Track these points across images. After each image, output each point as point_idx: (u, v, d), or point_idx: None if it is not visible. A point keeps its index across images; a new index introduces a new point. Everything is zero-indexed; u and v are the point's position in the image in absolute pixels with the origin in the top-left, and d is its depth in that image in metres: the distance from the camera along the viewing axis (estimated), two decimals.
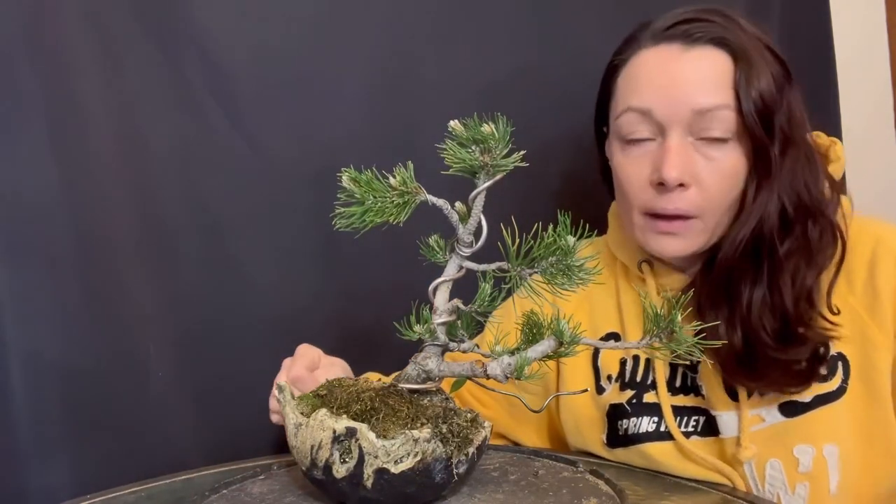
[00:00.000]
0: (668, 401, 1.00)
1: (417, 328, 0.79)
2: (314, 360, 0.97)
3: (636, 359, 1.03)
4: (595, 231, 0.76)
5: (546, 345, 0.76)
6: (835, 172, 1.00)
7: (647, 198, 0.97)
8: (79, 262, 1.14)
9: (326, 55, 1.25)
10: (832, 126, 1.45)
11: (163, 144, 1.19)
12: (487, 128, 0.72)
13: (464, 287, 0.80)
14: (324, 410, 0.75)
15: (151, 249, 1.18)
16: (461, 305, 0.80)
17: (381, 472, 0.72)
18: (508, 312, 0.84)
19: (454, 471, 0.75)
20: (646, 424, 1.00)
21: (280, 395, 0.80)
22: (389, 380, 0.82)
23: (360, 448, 0.72)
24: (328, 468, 0.74)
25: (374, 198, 0.74)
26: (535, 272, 0.76)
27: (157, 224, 1.19)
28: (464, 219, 0.77)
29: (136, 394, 1.17)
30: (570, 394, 1.05)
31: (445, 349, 0.81)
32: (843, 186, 0.98)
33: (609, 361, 1.04)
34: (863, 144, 1.48)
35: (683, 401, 1.00)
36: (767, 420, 0.95)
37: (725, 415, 0.97)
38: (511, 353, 0.76)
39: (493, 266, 0.77)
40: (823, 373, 0.93)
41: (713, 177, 0.94)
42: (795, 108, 0.95)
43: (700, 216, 0.95)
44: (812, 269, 0.93)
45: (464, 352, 0.81)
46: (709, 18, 0.95)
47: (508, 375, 0.76)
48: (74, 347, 1.14)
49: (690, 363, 0.98)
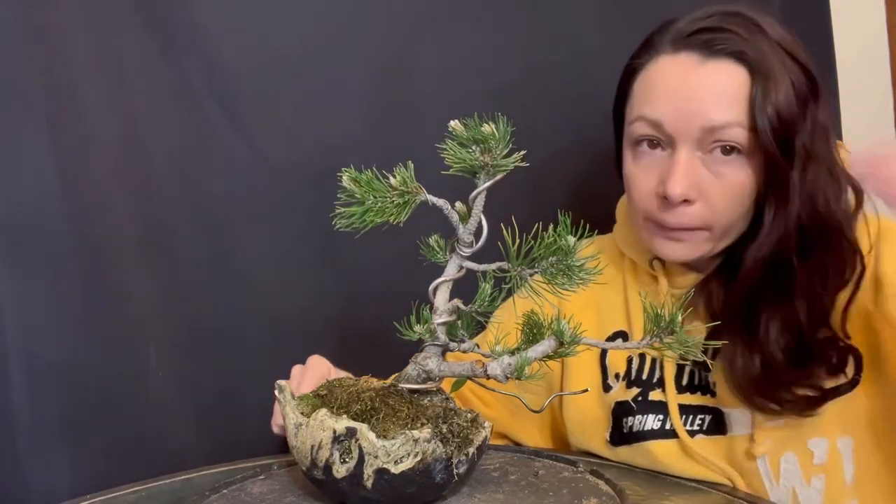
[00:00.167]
0: (676, 399, 1.00)
1: (417, 328, 0.79)
2: (324, 375, 0.97)
3: (642, 356, 1.03)
4: (596, 231, 0.76)
5: (546, 345, 0.76)
6: None
7: (652, 208, 0.96)
8: (79, 263, 1.14)
9: (327, 55, 1.25)
10: (832, 126, 1.45)
11: (163, 145, 1.19)
12: (488, 128, 0.72)
13: (464, 287, 0.80)
14: (324, 410, 0.75)
15: (152, 249, 1.18)
16: (461, 305, 0.80)
17: (382, 472, 0.72)
18: (511, 313, 0.84)
19: (454, 471, 0.75)
20: (651, 422, 1.00)
21: (280, 395, 0.80)
22: (390, 380, 0.82)
23: (361, 448, 0.72)
24: (328, 468, 0.74)
25: (375, 198, 0.74)
26: (536, 272, 0.76)
27: (158, 224, 1.19)
28: (464, 219, 0.77)
29: (136, 394, 1.17)
30: (571, 394, 1.05)
31: (446, 349, 0.81)
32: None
33: (617, 360, 1.04)
34: (863, 144, 1.47)
35: (690, 399, 1.00)
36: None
37: (737, 411, 0.97)
38: (511, 353, 0.76)
39: (494, 266, 0.77)
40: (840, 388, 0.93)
41: (720, 192, 0.93)
42: (819, 121, 0.93)
43: (706, 228, 0.95)
44: (830, 290, 0.92)
45: (464, 352, 0.81)
46: (731, 28, 0.92)
47: (508, 375, 0.76)
48: (74, 347, 1.14)
49: (703, 360, 0.97)
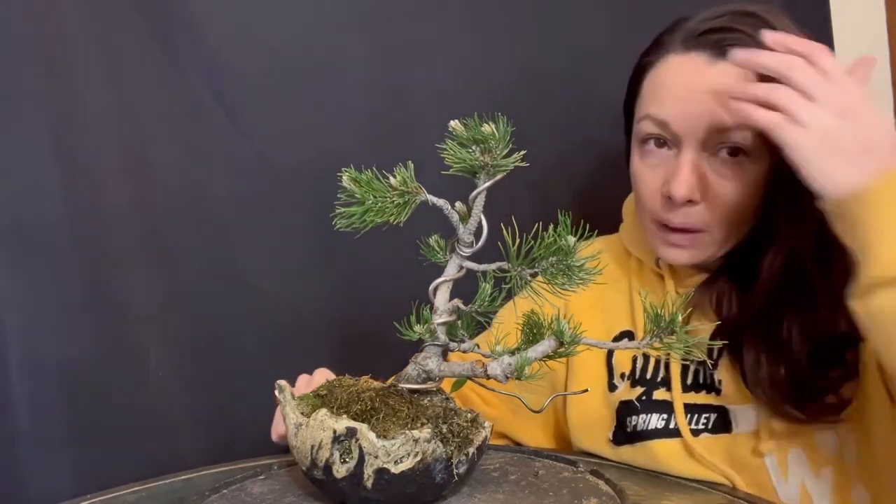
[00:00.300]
0: (681, 398, 0.99)
1: (417, 328, 0.79)
2: None
3: (647, 355, 1.03)
4: (596, 231, 0.76)
5: (546, 345, 0.76)
6: None
7: (657, 207, 0.97)
8: (79, 263, 1.15)
9: (327, 55, 1.25)
10: None
11: (164, 145, 1.19)
12: (488, 128, 0.72)
13: (464, 287, 0.80)
14: (324, 410, 0.75)
15: (152, 250, 1.19)
16: (461, 305, 0.80)
17: (382, 472, 0.72)
18: (513, 313, 0.84)
19: (454, 471, 0.75)
20: (655, 421, 1.00)
21: (280, 395, 0.80)
22: (390, 380, 0.82)
23: (361, 448, 0.72)
24: (328, 468, 0.74)
25: (375, 198, 0.74)
26: (536, 272, 0.76)
27: (158, 224, 1.19)
28: (464, 219, 0.77)
29: (137, 394, 1.17)
30: (572, 394, 1.05)
31: (446, 349, 0.81)
32: None
33: (623, 360, 1.04)
34: None
35: (696, 398, 1.00)
36: None
37: (742, 408, 0.97)
38: (511, 353, 0.76)
39: (494, 266, 0.77)
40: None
41: (725, 194, 0.93)
42: None
43: (708, 230, 0.95)
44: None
45: (464, 352, 0.81)
46: (742, 28, 0.91)
47: (509, 375, 0.76)
48: (75, 348, 1.14)
49: (710, 357, 0.97)
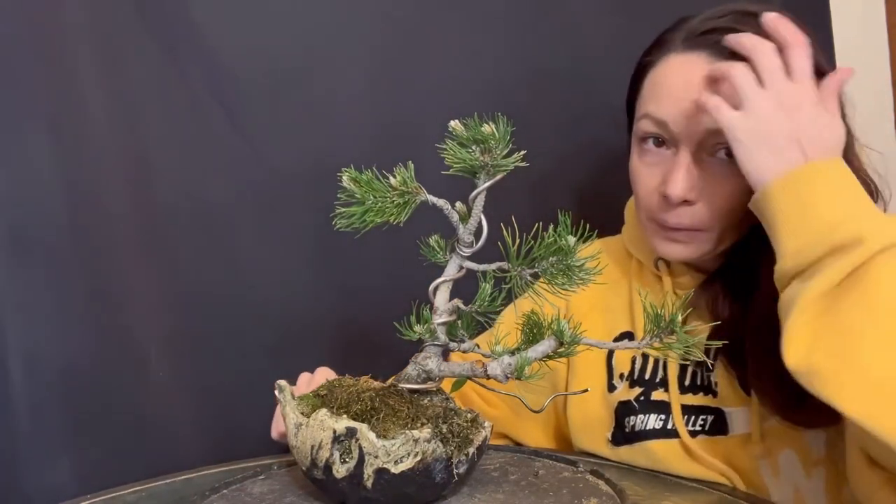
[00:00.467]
0: (679, 399, 1.00)
1: (417, 328, 0.79)
2: None
3: (645, 356, 1.03)
4: (596, 231, 0.76)
5: (546, 345, 0.76)
6: None
7: (654, 206, 0.97)
8: (79, 263, 1.15)
9: (327, 55, 1.25)
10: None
11: (164, 145, 1.19)
12: (488, 128, 0.72)
13: (464, 287, 0.80)
14: (324, 410, 0.75)
15: (152, 250, 1.19)
16: (461, 305, 0.80)
17: (382, 472, 0.72)
18: (514, 314, 0.83)
19: (454, 471, 0.75)
20: (653, 422, 1.00)
21: (280, 395, 0.80)
22: (390, 380, 0.82)
23: (361, 448, 0.72)
24: (328, 468, 0.74)
25: (375, 198, 0.74)
26: (536, 272, 0.76)
27: (158, 224, 1.19)
28: (464, 219, 0.77)
29: (137, 394, 1.17)
30: (572, 394, 1.05)
31: (446, 349, 0.81)
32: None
33: (622, 360, 1.05)
34: (863, 144, 1.47)
35: (692, 399, 1.00)
36: None
37: (738, 411, 0.97)
38: (511, 353, 0.76)
39: (494, 266, 0.77)
40: None
41: (721, 194, 0.93)
42: None
43: (705, 229, 0.95)
44: None
45: (464, 352, 0.81)
46: (744, 29, 0.91)
47: (509, 375, 0.76)
48: (74, 347, 1.14)
49: (706, 360, 0.97)
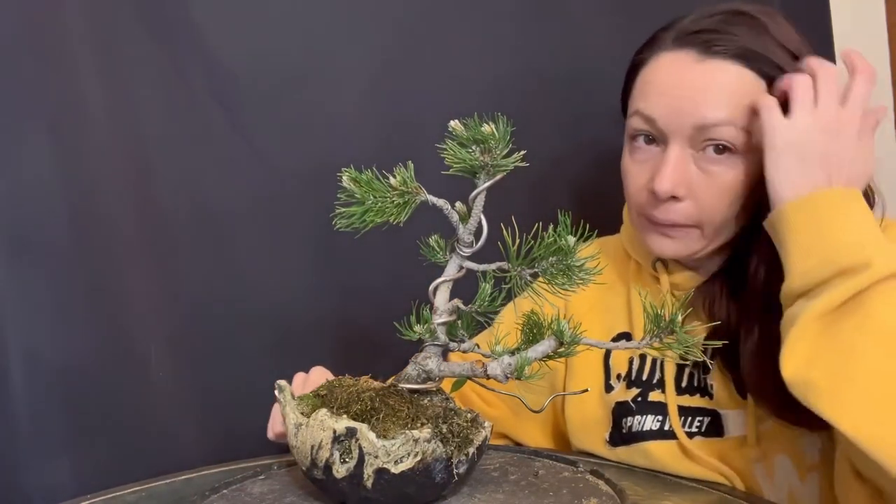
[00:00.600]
0: (675, 400, 1.00)
1: (417, 328, 0.79)
2: None
3: (643, 357, 1.03)
4: (595, 231, 0.76)
5: (546, 345, 0.76)
6: None
7: (643, 202, 0.97)
8: (79, 263, 1.14)
9: (327, 55, 1.25)
10: None
11: (164, 144, 1.19)
12: (487, 128, 0.72)
13: (464, 287, 0.80)
14: (324, 410, 0.75)
15: (151, 250, 1.19)
16: (461, 305, 0.80)
17: (381, 472, 0.72)
18: (514, 314, 0.84)
19: (454, 471, 0.75)
20: (650, 423, 1.00)
21: (280, 395, 0.80)
22: (389, 380, 0.82)
23: (360, 448, 0.72)
24: (328, 468, 0.74)
25: (375, 198, 0.74)
26: (536, 272, 0.76)
27: (158, 224, 1.19)
28: (464, 219, 0.77)
29: (137, 394, 1.17)
30: (571, 394, 1.05)
31: (446, 349, 0.81)
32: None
33: (619, 361, 1.05)
34: None
35: (689, 401, 1.00)
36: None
37: (733, 413, 0.97)
38: (511, 353, 0.76)
39: (494, 266, 0.77)
40: None
41: (710, 191, 0.93)
42: None
43: (696, 226, 0.95)
44: None
45: (464, 352, 0.81)
46: (733, 29, 0.92)
47: (508, 375, 0.76)
48: (75, 347, 1.14)
49: (703, 362, 0.97)
